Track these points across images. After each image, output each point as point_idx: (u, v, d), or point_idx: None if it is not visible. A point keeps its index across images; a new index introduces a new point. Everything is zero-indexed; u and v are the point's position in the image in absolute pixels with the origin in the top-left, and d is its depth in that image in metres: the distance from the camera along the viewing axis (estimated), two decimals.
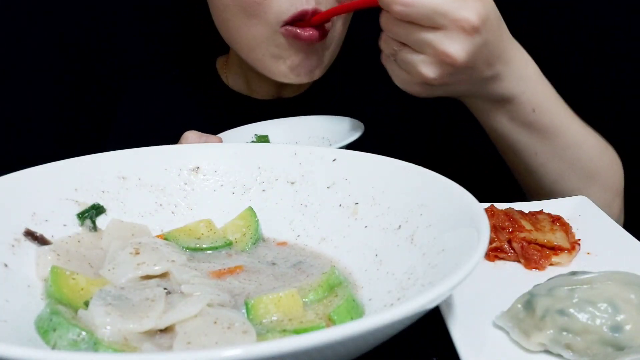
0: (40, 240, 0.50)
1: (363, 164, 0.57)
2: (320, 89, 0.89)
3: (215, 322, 0.40)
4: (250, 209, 0.57)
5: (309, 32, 0.72)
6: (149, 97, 0.93)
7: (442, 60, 0.58)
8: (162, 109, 0.91)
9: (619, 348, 0.40)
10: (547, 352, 0.42)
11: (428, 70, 0.59)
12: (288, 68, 0.75)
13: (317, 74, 0.78)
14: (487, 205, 0.59)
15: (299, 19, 0.71)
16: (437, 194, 0.50)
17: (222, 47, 0.88)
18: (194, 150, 0.61)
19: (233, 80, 0.91)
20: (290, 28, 0.72)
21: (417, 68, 0.60)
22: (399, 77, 0.63)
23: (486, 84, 0.63)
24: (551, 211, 0.60)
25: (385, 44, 0.63)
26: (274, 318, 0.43)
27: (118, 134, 0.91)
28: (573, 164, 0.69)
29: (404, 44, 0.60)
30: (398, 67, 0.63)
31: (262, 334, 0.41)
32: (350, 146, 0.67)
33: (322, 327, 0.42)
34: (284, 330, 0.42)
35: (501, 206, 0.60)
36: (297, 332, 0.42)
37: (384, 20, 0.61)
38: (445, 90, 0.64)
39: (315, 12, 0.70)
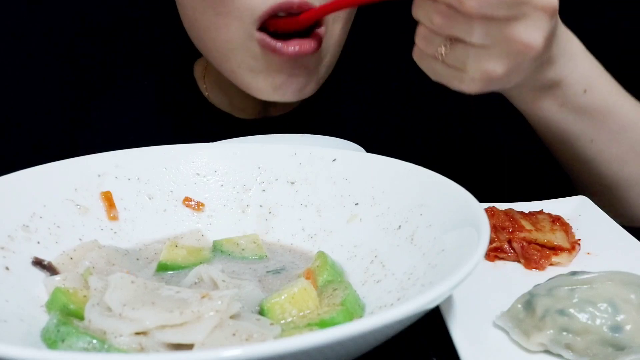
0: (49, 269, 0.48)
1: (363, 164, 0.57)
2: (311, 106, 0.77)
3: (234, 335, 0.39)
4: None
5: (293, 47, 0.60)
6: (120, 108, 0.83)
7: (518, 50, 0.51)
8: (133, 123, 0.81)
9: (619, 348, 0.40)
10: (547, 352, 0.42)
11: (496, 65, 0.52)
12: (270, 86, 0.63)
13: (309, 92, 0.67)
14: (487, 205, 0.59)
15: (276, 15, 0.58)
16: (437, 194, 0.50)
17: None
18: (194, 151, 0.61)
19: (213, 93, 0.79)
20: (267, 40, 0.60)
21: (481, 64, 0.52)
22: (446, 76, 0.55)
23: (539, 69, 0.56)
24: (551, 211, 0.60)
25: (428, 42, 0.54)
26: (294, 315, 0.43)
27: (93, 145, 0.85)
28: (633, 146, 0.62)
29: (457, 39, 0.52)
30: (445, 66, 0.54)
31: (288, 330, 0.41)
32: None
33: (340, 314, 0.42)
34: (309, 325, 0.42)
35: (501, 206, 0.60)
36: (323, 324, 0.41)
37: (433, 15, 0.51)
38: (504, 84, 0.55)
39: (302, 6, 0.56)
